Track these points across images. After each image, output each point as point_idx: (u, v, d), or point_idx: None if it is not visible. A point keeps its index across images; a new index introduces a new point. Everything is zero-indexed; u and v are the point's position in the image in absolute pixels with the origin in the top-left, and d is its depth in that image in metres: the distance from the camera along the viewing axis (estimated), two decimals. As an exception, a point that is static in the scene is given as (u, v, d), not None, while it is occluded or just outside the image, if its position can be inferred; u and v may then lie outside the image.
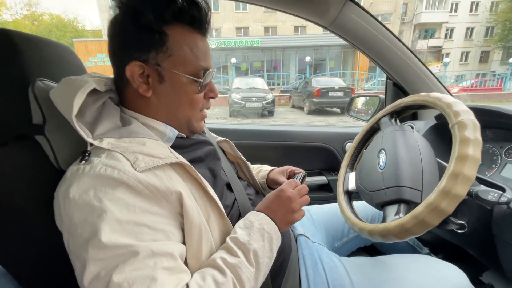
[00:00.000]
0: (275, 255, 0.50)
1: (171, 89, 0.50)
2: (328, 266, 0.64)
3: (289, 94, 11.50)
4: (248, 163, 0.77)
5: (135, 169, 0.40)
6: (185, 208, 0.43)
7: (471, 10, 21.74)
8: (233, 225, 0.51)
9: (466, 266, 0.71)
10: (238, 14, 19.61)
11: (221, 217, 0.50)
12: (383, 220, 0.58)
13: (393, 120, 0.73)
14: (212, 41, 16.66)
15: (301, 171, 0.77)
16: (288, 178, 0.76)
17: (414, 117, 1.01)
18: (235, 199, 0.61)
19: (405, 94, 0.98)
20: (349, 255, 0.82)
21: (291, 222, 0.55)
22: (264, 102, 7.97)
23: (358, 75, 15.65)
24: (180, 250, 0.42)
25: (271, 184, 0.78)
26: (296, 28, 20.40)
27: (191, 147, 0.57)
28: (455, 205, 0.46)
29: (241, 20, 19.75)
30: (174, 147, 0.52)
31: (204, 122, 0.76)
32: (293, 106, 10.69)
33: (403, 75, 0.92)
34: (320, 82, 8.97)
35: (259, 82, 9.29)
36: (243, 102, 7.88)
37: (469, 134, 0.48)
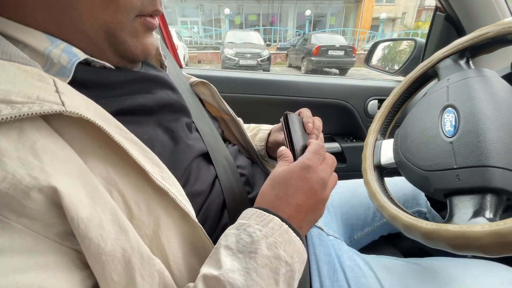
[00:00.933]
0: None
1: None
2: (352, 273, 0.45)
3: (286, 51, 10.79)
4: (239, 119, 0.53)
5: None
6: (74, 219, 0.20)
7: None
8: (211, 229, 0.32)
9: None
10: (233, -43, 17.31)
11: (184, 218, 0.27)
12: (450, 219, 0.37)
13: (463, 62, 0.48)
14: (203, -12, 14.97)
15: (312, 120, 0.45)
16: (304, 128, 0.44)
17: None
18: (216, 176, 0.38)
19: (460, 35, 0.71)
20: (370, 248, 0.64)
21: (316, 220, 0.33)
22: (259, 59, 7.46)
23: (359, 34, 14.68)
24: None
25: (273, 150, 0.53)
26: (296, -23, 18.37)
27: (126, 85, 0.31)
28: None
29: (235, -36, 17.52)
30: (85, 84, 0.27)
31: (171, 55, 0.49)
32: (290, 66, 10.14)
33: (468, 2, 0.63)
34: (320, 39, 8.34)
35: (255, 37, 8.59)
36: (237, 59, 7.36)
37: None
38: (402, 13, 18.12)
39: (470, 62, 0.49)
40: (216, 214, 0.36)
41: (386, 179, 0.55)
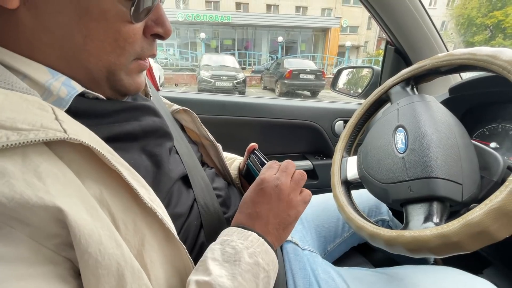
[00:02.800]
0: None
1: (71, 4, 0.26)
2: (326, 285, 0.47)
3: (260, 75, 11.22)
4: (218, 144, 0.55)
5: None
6: (77, 235, 0.21)
7: (430, 4, 22.99)
8: (189, 248, 0.34)
9: (466, 264, 0.59)
10: (208, -14, 18.18)
11: (167, 238, 0.29)
12: (406, 225, 0.41)
13: (409, 89, 0.56)
14: (180, 14, 15.38)
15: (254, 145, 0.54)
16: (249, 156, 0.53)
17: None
18: (194, 199, 0.39)
19: (408, 64, 0.82)
20: (342, 260, 0.67)
21: (288, 233, 0.37)
22: (235, 82, 7.63)
23: (328, 59, 15.80)
24: None
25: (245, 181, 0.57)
26: (268, 7, 19.65)
27: (115, 115, 0.33)
28: None
29: (211, -7, 18.37)
30: (78, 113, 0.28)
31: (149, 79, 0.51)
32: (265, 88, 10.49)
33: (411, 38, 0.74)
34: (292, 63, 8.83)
35: (230, 60, 8.85)
36: (213, 81, 7.47)
37: None
38: (364, 42, 19.99)
39: (415, 88, 0.57)
40: (194, 234, 0.37)
41: (353, 191, 0.60)
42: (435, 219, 0.39)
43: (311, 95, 8.89)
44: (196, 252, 0.37)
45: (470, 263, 0.72)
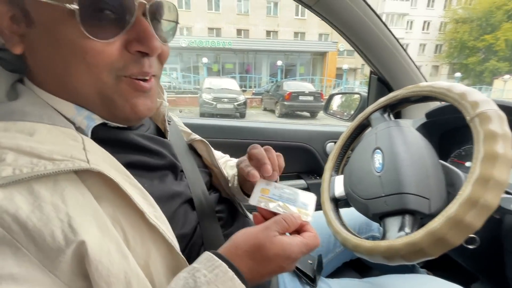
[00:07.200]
0: None
1: (45, 36, 0.30)
2: (315, 294, 0.51)
3: (260, 96, 11.53)
4: (224, 171, 0.58)
5: None
6: (91, 260, 0.26)
7: (423, 29, 24.03)
8: (191, 262, 0.34)
9: (453, 277, 0.63)
10: (211, 14, 19.22)
11: (170, 252, 0.33)
12: (383, 236, 0.46)
13: (386, 115, 0.63)
14: (183, 40, 16.12)
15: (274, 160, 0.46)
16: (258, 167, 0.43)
17: (397, 116, 0.94)
18: (198, 222, 0.44)
19: (390, 91, 0.91)
20: (335, 274, 0.70)
21: (274, 275, 0.36)
22: (235, 104, 7.84)
23: (326, 82, 16.26)
24: None
25: (243, 183, 0.54)
26: (268, 33, 20.62)
27: (132, 144, 0.39)
28: (484, 218, 0.36)
29: (213, 21, 19.38)
30: (104, 140, 0.34)
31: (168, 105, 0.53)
32: (265, 109, 10.72)
33: (390, 69, 0.83)
34: (291, 86, 9.11)
35: (231, 83, 9.14)
36: (214, 103, 7.68)
37: (495, 127, 0.38)
38: (361, 64, 20.66)
39: (391, 115, 0.64)
40: (198, 253, 0.40)
41: (345, 210, 0.65)
42: (407, 229, 0.44)
43: (310, 116, 9.08)
44: None
45: (460, 276, 0.75)
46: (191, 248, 0.40)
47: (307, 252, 0.35)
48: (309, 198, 0.44)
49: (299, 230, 0.37)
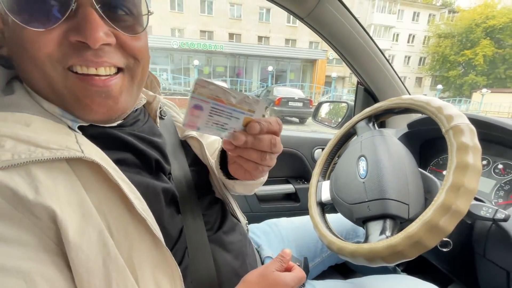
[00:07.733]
0: None
1: (8, 31, 0.32)
2: (300, 295, 0.53)
3: (251, 101, 11.54)
4: (215, 170, 0.56)
5: None
6: (71, 247, 0.27)
7: (408, 41, 25.03)
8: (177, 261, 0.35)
9: (432, 279, 0.67)
10: (203, 17, 19.23)
11: (155, 245, 0.33)
12: (366, 239, 0.49)
13: (370, 125, 0.67)
14: (175, 41, 16.02)
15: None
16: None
17: (382, 125, 0.99)
18: (183, 225, 0.43)
19: (376, 101, 0.95)
20: (321, 277, 0.73)
21: None
22: (225, 107, 7.79)
23: (315, 88, 16.58)
24: None
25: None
26: (260, 38, 20.85)
27: (118, 140, 0.38)
28: (455, 223, 0.39)
29: (206, 24, 19.38)
30: (94, 137, 0.35)
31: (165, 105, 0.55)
32: (255, 113, 10.71)
33: (376, 80, 0.88)
34: (281, 91, 9.19)
35: (222, 87, 9.09)
36: (204, 106, 7.60)
37: (466, 140, 0.42)
38: (349, 73, 21.23)
39: (375, 124, 0.68)
40: (182, 256, 0.41)
41: (333, 217, 0.68)
42: (388, 233, 0.47)
43: (299, 122, 9.20)
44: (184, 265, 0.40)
45: (438, 279, 0.79)
46: (176, 252, 0.40)
47: (298, 283, 0.42)
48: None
49: (290, 269, 0.44)
